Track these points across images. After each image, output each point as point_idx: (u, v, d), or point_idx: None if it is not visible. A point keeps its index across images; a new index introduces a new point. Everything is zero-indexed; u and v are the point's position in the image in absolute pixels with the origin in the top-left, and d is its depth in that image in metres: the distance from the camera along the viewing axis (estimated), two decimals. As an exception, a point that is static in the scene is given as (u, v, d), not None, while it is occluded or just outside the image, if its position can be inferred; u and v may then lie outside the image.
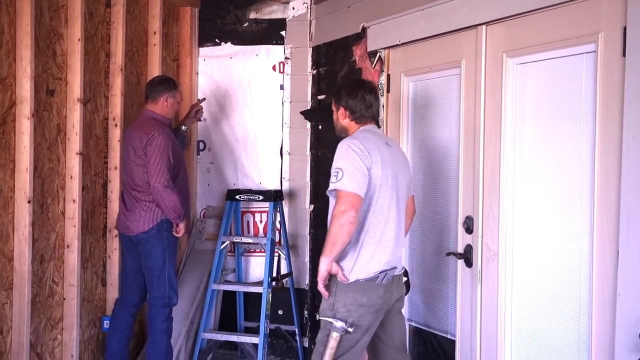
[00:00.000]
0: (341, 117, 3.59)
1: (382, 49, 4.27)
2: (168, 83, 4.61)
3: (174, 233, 4.53)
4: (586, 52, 2.90)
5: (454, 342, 3.68)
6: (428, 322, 3.95)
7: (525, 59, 3.23)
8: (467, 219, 3.53)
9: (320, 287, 3.27)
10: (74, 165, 4.34)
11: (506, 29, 3.32)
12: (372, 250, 3.26)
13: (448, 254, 3.62)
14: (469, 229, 3.52)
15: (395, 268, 3.33)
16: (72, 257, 4.39)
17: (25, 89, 3.94)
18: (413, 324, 4.07)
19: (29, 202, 3.97)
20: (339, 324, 3.15)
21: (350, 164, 3.20)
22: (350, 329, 3.15)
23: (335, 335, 3.16)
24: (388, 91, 4.25)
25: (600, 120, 2.79)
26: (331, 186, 3.23)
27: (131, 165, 4.43)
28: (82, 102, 4.37)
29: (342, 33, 4.83)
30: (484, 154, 3.43)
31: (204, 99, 5.30)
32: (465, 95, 3.59)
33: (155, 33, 5.14)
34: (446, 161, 3.82)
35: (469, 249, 3.52)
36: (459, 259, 3.57)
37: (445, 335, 3.78)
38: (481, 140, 3.45)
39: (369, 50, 4.38)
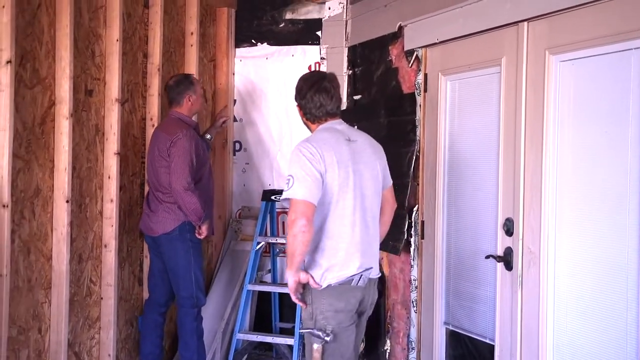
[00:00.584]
0: (300, 116, 3.54)
1: (419, 47, 4.17)
2: (185, 81, 4.57)
3: (197, 235, 4.51)
4: (635, 48, 2.75)
5: (492, 346, 3.57)
6: (464, 325, 3.84)
7: (569, 55, 3.07)
8: (507, 221, 3.40)
9: (294, 299, 3.27)
10: (111, 165, 4.34)
11: (549, 25, 3.17)
12: (342, 255, 3.21)
13: (487, 257, 3.51)
14: (509, 231, 3.40)
15: (371, 268, 3.28)
16: (110, 257, 4.38)
17: (64, 89, 3.94)
18: (450, 327, 3.97)
19: (67, 201, 3.97)
20: (316, 333, 3.13)
21: (301, 169, 3.13)
22: (327, 338, 3.11)
23: (316, 346, 3.15)
24: (425, 90, 4.15)
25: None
26: (283, 195, 3.17)
27: (156, 166, 4.41)
28: (120, 102, 4.37)
29: (378, 32, 4.75)
30: (525, 154, 3.30)
31: (226, 107, 5.29)
32: (505, 95, 3.44)
33: (192, 34, 5.12)
34: (485, 162, 3.67)
35: (508, 251, 3.40)
36: (499, 262, 3.45)
37: (484, 340, 3.67)
38: (522, 140, 3.31)
39: (405, 49, 4.28)
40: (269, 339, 5.06)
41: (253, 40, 5.61)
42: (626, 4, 2.79)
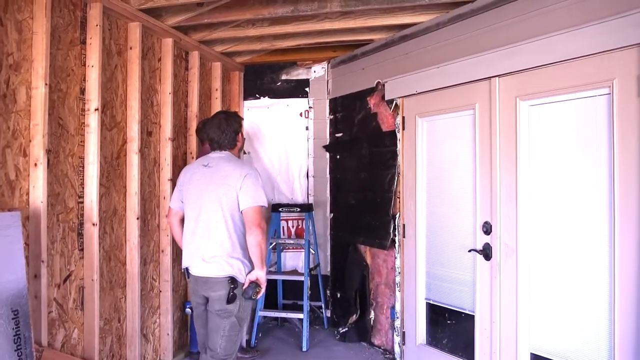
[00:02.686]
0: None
1: (398, 97, 3.86)
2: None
3: None
4: (599, 95, 2.50)
5: (472, 316, 3.25)
6: (444, 300, 3.50)
7: (538, 101, 2.80)
8: (486, 224, 3.10)
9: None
10: (166, 189, 3.82)
11: (518, 78, 2.89)
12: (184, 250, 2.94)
13: (470, 250, 3.20)
14: (487, 232, 3.10)
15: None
16: (166, 260, 3.85)
17: (133, 130, 3.45)
18: (431, 301, 3.63)
19: (137, 218, 3.45)
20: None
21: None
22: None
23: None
24: (403, 129, 3.84)
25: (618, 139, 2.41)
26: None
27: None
28: (171, 140, 3.85)
29: (358, 88, 4.41)
30: (500, 174, 3.00)
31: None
32: (480, 131, 3.14)
33: (217, 89, 4.64)
34: (460, 180, 3.35)
35: (487, 246, 3.10)
36: (480, 254, 3.15)
37: (462, 310, 3.35)
38: (497, 164, 3.01)
39: (386, 99, 3.96)
40: (283, 314, 4.61)
41: (257, 95, 5.16)
42: (588, 63, 2.54)
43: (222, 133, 2.94)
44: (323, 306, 4.89)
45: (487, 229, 3.10)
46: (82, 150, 3.04)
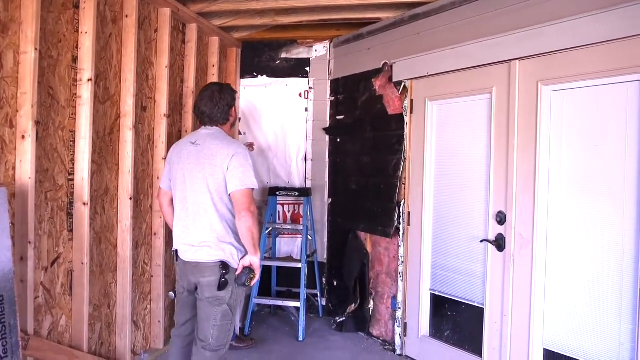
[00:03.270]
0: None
1: (407, 79, 3.68)
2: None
3: None
4: (631, 81, 2.36)
5: (481, 309, 3.13)
6: (451, 292, 3.37)
7: (561, 86, 2.65)
8: (500, 213, 2.97)
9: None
10: (160, 168, 3.60)
11: (541, 62, 2.74)
12: (174, 232, 2.74)
13: (482, 241, 3.07)
14: (501, 222, 2.97)
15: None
16: (159, 243, 3.65)
17: (128, 105, 3.23)
18: (436, 292, 3.50)
19: (130, 199, 3.25)
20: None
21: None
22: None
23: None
24: (412, 112, 3.67)
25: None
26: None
27: None
28: (167, 117, 3.63)
29: (362, 69, 4.22)
30: (517, 162, 2.87)
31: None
32: (496, 116, 2.99)
33: (214, 66, 4.41)
34: (472, 167, 3.20)
35: (500, 237, 2.97)
36: (493, 244, 3.02)
37: (471, 303, 3.22)
38: (515, 152, 2.87)
39: (394, 81, 3.78)
40: (279, 302, 4.44)
41: (255, 73, 4.94)
42: (618, 47, 2.39)
43: (215, 106, 2.71)
44: (319, 294, 4.74)
45: (501, 218, 2.96)
46: (73, 123, 2.82)
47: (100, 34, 2.97)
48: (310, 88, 4.84)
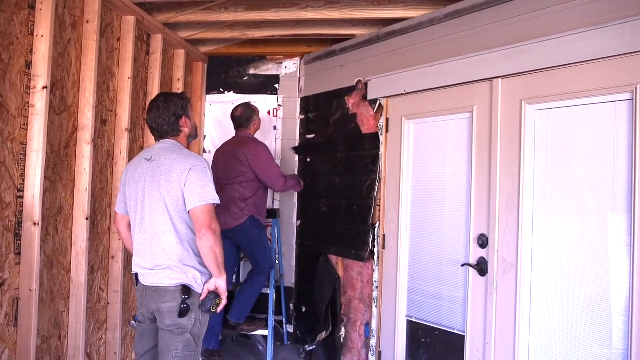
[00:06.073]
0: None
1: (382, 97, 3.58)
2: (251, 112, 4.10)
3: None
4: (620, 100, 2.30)
5: (462, 336, 2.99)
6: (429, 318, 3.22)
7: (546, 105, 2.58)
8: (482, 236, 2.85)
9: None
10: (119, 186, 3.34)
11: (525, 80, 2.68)
12: (133, 256, 2.51)
13: (463, 265, 2.94)
14: (483, 245, 2.86)
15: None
16: (117, 267, 3.37)
17: (87, 117, 2.99)
18: (413, 319, 3.34)
19: (86, 219, 2.98)
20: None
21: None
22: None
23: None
24: (387, 131, 3.56)
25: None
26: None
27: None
28: (129, 131, 3.40)
29: (335, 86, 4.10)
30: (500, 183, 2.77)
31: None
32: (478, 136, 2.90)
33: (179, 79, 4.21)
34: (452, 188, 3.09)
35: (482, 260, 2.85)
36: (474, 269, 2.90)
37: (451, 330, 3.08)
38: (497, 172, 2.77)
39: (368, 99, 3.67)
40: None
41: (221, 89, 4.76)
42: (608, 65, 2.34)
43: (160, 117, 2.48)
44: (284, 321, 4.52)
45: (483, 242, 2.85)
46: (24, 134, 2.56)
47: (58, 39, 2.74)
48: (279, 105, 4.69)
